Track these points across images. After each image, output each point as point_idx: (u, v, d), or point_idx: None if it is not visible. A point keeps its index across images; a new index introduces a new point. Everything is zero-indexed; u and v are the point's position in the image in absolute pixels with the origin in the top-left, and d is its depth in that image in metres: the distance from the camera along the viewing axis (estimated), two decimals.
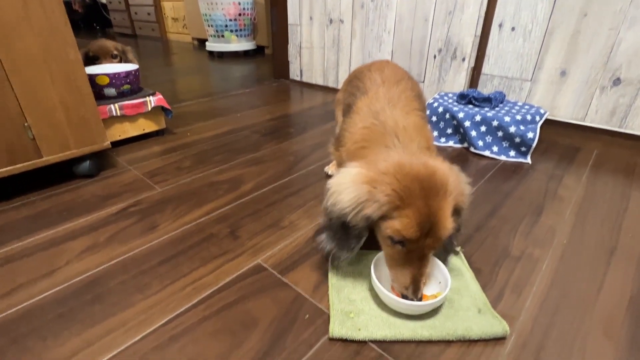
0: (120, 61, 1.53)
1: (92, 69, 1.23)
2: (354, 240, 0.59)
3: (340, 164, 0.74)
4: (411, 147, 0.62)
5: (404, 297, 0.57)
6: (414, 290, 0.56)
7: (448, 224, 0.53)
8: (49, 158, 0.94)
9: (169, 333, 0.57)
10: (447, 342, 0.56)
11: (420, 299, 0.57)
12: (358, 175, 0.56)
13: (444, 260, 0.65)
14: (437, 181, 0.53)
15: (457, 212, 0.58)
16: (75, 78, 0.94)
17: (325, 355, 0.54)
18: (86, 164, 1.03)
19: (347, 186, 0.56)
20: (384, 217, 0.54)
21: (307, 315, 0.61)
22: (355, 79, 0.82)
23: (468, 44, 1.46)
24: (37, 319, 0.60)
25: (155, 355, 0.54)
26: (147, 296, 0.64)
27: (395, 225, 0.52)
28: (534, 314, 0.61)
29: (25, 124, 0.88)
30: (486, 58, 1.43)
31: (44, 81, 0.89)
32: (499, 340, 0.56)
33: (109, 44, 1.48)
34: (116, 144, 1.28)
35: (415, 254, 0.56)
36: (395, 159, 0.56)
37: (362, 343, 0.56)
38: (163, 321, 0.59)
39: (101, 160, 1.15)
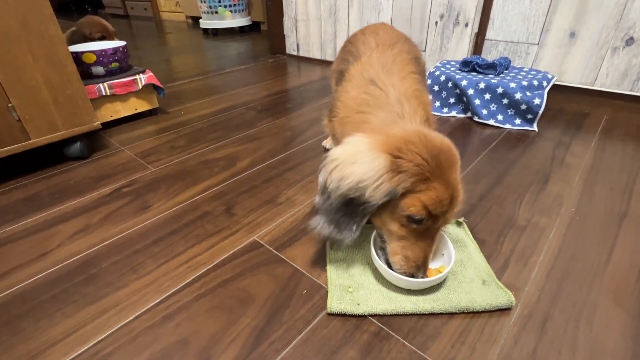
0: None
1: (77, 47, 1.18)
2: (357, 220, 0.51)
3: (333, 136, 0.70)
4: (416, 119, 0.58)
5: (411, 275, 0.54)
6: (424, 270, 0.54)
7: (462, 196, 0.51)
8: (37, 140, 0.92)
9: (163, 312, 0.56)
10: (450, 315, 0.54)
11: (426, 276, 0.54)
12: (374, 143, 0.49)
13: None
14: (454, 154, 0.51)
15: None
16: (58, 55, 0.90)
17: (323, 330, 0.52)
18: (77, 146, 1.01)
19: (362, 156, 0.48)
20: (405, 192, 0.48)
21: (305, 291, 0.59)
22: (349, 44, 0.77)
23: (471, 8, 1.38)
24: (31, 300, 0.59)
25: (149, 334, 0.52)
26: (141, 276, 0.63)
27: (423, 200, 0.47)
28: (541, 284, 0.59)
29: (9, 105, 0.85)
30: (490, 22, 1.35)
31: (25, 58, 0.85)
32: (504, 311, 0.54)
33: (104, 21, 1.47)
34: (108, 125, 1.24)
35: (429, 232, 0.52)
36: (415, 128, 0.51)
37: (362, 317, 0.54)
38: (157, 300, 0.58)
39: (93, 142, 1.13)
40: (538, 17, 1.25)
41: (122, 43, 1.24)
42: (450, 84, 1.26)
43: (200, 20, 3.08)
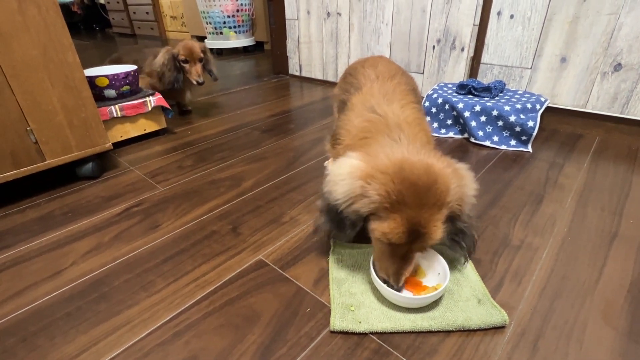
0: (203, 63, 1.52)
1: (91, 71, 1.24)
2: (348, 226, 0.58)
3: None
4: (415, 144, 0.60)
5: (385, 282, 0.59)
6: (394, 280, 0.58)
7: (437, 235, 0.52)
8: (52, 161, 0.96)
9: (173, 329, 0.59)
10: (447, 332, 0.57)
11: (401, 288, 0.58)
12: (355, 168, 0.56)
13: (460, 259, 0.66)
14: (437, 191, 0.51)
15: (453, 217, 0.56)
16: (75, 81, 0.95)
17: (326, 347, 0.55)
18: (89, 166, 1.05)
19: (343, 178, 0.56)
20: (373, 214, 0.54)
21: (309, 309, 0.61)
22: (349, 76, 0.82)
23: (467, 34, 1.44)
24: (46, 318, 0.62)
25: (160, 351, 0.55)
26: (151, 294, 0.66)
27: (383, 227, 0.53)
28: (533, 303, 0.62)
29: (28, 128, 0.89)
30: (485, 47, 1.41)
31: (44, 85, 0.90)
32: (498, 329, 0.57)
33: (196, 47, 1.47)
34: (118, 145, 1.29)
35: (401, 253, 0.56)
36: (399, 157, 0.54)
37: (363, 335, 0.57)
38: (167, 318, 0.61)
39: (104, 162, 1.17)
40: (530, 43, 1.31)
41: (133, 67, 1.30)
42: (447, 106, 1.31)
43: (206, 40, 3.18)
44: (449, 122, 1.33)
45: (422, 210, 0.51)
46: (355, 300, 0.62)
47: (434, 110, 1.36)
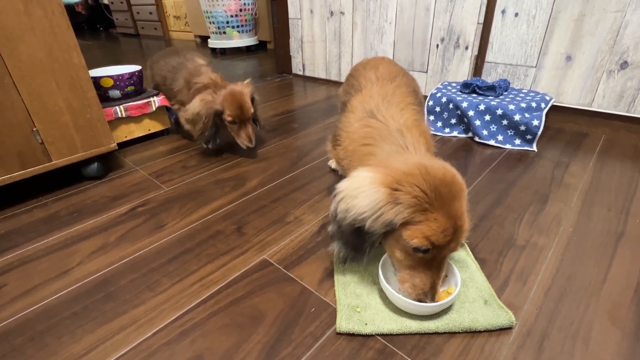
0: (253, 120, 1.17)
1: (96, 72, 1.25)
2: (366, 246, 0.55)
3: (338, 163, 0.74)
4: (420, 149, 0.60)
5: (419, 300, 0.56)
6: (432, 296, 0.55)
7: (468, 226, 0.52)
8: (58, 161, 0.96)
9: (179, 329, 0.59)
10: (452, 333, 0.57)
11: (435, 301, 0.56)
12: (375, 177, 0.52)
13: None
14: (459, 184, 0.52)
15: None
16: (80, 81, 0.95)
17: (331, 347, 0.55)
18: (94, 166, 1.05)
19: (364, 189, 0.52)
20: (405, 224, 0.51)
21: (313, 309, 0.62)
22: (351, 77, 0.82)
23: (471, 32, 1.44)
24: (53, 317, 0.62)
25: (166, 350, 0.55)
26: (157, 293, 0.66)
27: (425, 231, 0.49)
28: (538, 303, 0.61)
29: (34, 129, 0.90)
30: (489, 46, 1.41)
31: (50, 86, 0.90)
32: (503, 329, 0.57)
33: (247, 102, 1.08)
34: (123, 145, 1.30)
35: (436, 260, 0.54)
36: (417, 160, 0.53)
37: (368, 335, 0.57)
38: (173, 317, 0.61)
39: (109, 162, 1.18)
40: (535, 42, 1.30)
41: (138, 67, 1.30)
42: (451, 105, 1.31)
43: (209, 40, 3.19)
44: (453, 121, 1.32)
45: (455, 203, 0.50)
46: (361, 301, 0.62)
47: (437, 109, 1.35)
